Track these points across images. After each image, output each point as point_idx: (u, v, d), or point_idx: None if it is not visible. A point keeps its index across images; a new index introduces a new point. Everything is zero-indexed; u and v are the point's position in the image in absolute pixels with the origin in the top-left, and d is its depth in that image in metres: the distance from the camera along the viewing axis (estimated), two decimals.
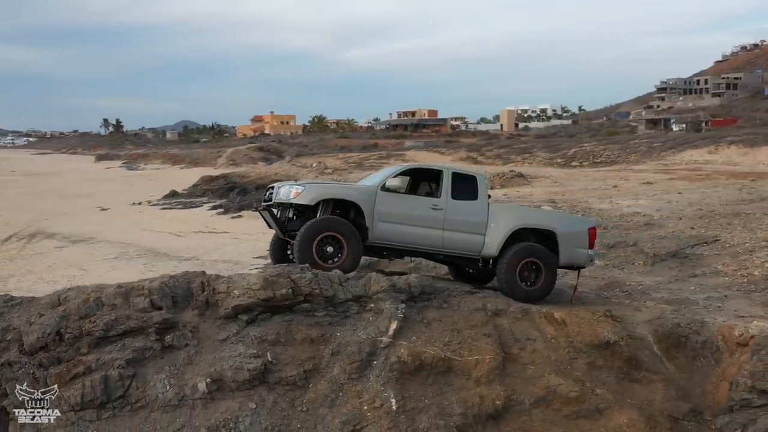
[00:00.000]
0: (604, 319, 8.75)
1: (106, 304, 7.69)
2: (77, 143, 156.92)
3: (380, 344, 7.78)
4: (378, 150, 64.68)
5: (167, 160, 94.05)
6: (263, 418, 7.07)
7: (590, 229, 10.54)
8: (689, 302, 10.67)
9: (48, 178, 68.05)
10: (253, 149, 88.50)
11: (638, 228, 17.81)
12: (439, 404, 7.55)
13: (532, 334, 8.61)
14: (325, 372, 7.58)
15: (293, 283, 7.95)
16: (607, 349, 8.47)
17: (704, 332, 8.77)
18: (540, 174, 37.38)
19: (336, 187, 10.13)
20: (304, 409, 7.26)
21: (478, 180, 10.25)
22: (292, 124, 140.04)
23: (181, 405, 7.14)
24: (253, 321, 7.83)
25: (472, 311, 8.66)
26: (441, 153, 54.64)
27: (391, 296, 8.35)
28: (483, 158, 51.06)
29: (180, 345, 7.57)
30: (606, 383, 8.19)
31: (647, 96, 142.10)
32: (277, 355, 7.55)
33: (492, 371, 7.90)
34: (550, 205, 22.71)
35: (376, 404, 7.30)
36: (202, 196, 47.46)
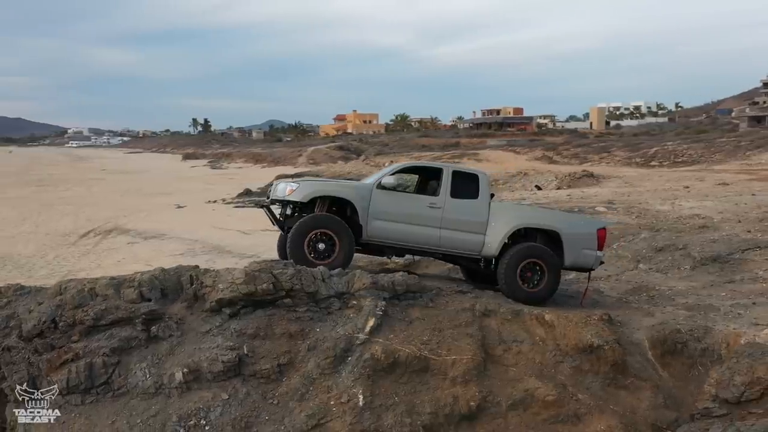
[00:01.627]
0: (594, 322, 8.63)
1: (99, 295, 8.20)
2: (167, 142, 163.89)
3: (356, 341, 7.98)
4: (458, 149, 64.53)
5: (249, 159, 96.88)
6: (234, 409, 7.40)
7: (599, 230, 10.38)
8: (711, 308, 10.33)
9: (134, 176, 71.44)
10: (333, 148, 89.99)
11: (692, 231, 17.18)
12: (410, 402, 7.67)
13: (520, 336, 8.60)
14: (300, 366, 7.83)
15: (274, 279, 8.25)
16: (592, 354, 8.36)
17: (707, 339, 8.52)
18: (613, 174, 36.44)
19: (330, 185, 10.35)
20: (275, 402, 7.54)
21: (480, 179, 10.26)
22: (375, 122, 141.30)
23: (158, 393, 7.56)
24: (236, 314, 8.16)
25: (459, 311, 8.72)
26: (516, 152, 54.02)
27: (372, 294, 8.52)
28: (559, 158, 50.14)
29: (164, 336, 8.01)
30: (590, 388, 8.10)
31: (752, 92, 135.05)
32: (254, 348, 7.86)
33: (469, 372, 7.96)
34: (605, 207, 22.20)
35: (343, 399, 7.50)
36: None
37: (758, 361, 7.37)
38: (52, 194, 50.77)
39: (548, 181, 36.50)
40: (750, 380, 7.23)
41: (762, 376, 7.19)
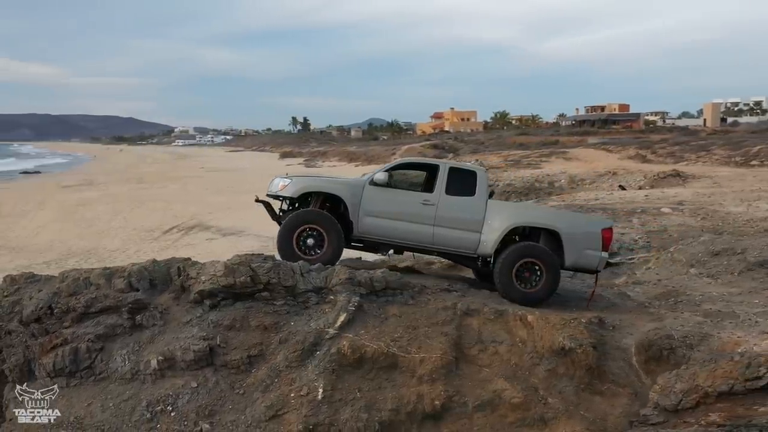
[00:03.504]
0: (574, 325, 8.45)
1: (93, 284, 8.80)
2: (267, 141, 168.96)
3: (326, 336, 8.18)
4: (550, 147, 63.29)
5: (344, 157, 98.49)
6: (201, 397, 7.78)
7: (604, 230, 10.12)
8: (730, 316, 9.84)
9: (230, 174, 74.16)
10: (427, 146, 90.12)
11: (758, 234, 16.27)
12: (372, 399, 7.79)
13: (500, 337, 8.55)
14: (270, 359, 8.11)
15: (252, 272, 8.57)
16: (566, 357, 8.19)
17: (700, 347, 8.16)
18: (706, 174, 34.72)
19: (321, 181, 10.54)
20: (241, 392, 7.87)
21: (478, 176, 10.21)
22: (473, 120, 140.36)
23: (134, 379, 8.05)
24: (216, 306, 8.55)
25: (440, 309, 8.77)
26: (609, 151, 52.35)
27: (348, 289, 8.71)
28: (654, 156, 48.18)
29: (148, 324, 8.50)
30: (563, 392, 7.95)
31: None
32: (227, 339, 8.22)
33: (437, 370, 8.00)
34: (671, 208, 21.30)
35: (303, 392, 7.71)
36: None
37: (703, 368, 7.05)
38: (149, 191, 53.54)
39: (635, 181, 35.25)
40: (689, 388, 6.92)
41: (700, 384, 6.86)
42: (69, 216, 39.38)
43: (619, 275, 15.07)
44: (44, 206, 44.50)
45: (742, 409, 6.25)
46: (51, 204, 45.70)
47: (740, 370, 6.72)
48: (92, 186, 60.25)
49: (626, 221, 18.98)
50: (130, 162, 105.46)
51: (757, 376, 6.52)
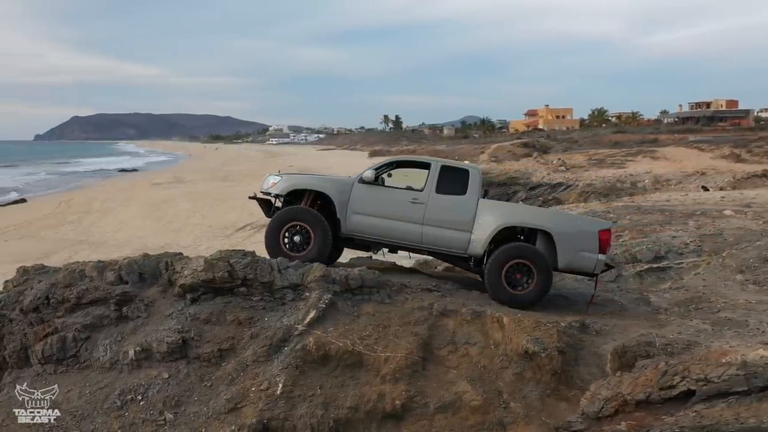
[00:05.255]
0: (545, 328, 8.29)
1: (87, 276, 9.35)
2: (358, 139, 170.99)
3: (295, 332, 8.38)
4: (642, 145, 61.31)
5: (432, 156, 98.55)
6: (171, 388, 8.13)
7: (601, 231, 9.84)
8: (738, 324, 9.40)
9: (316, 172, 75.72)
10: (517, 145, 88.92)
11: None
12: (333, 396, 7.92)
13: (474, 338, 8.50)
14: (240, 353, 8.38)
15: (230, 267, 8.88)
16: (532, 361, 8.05)
17: (682, 355, 7.81)
18: None
19: (309, 178, 10.70)
20: (208, 384, 8.17)
21: (471, 174, 10.13)
22: (568, 118, 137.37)
23: (113, 368, 8.50)
24: (197, 300, 8.90)
25: (416, 309, 8.80)
26: (701, 149, 50.01)
27: (322, 286, 8.87)
28: (748, 155, 45.68)
29: (133, 316, 8.93)
30: (527, 398, 7.82)
31: None
32: (202, 332, 8.54)
33: (401, 370, 8.04)
34: (734, 210, 20.25)
35: (263, 387, 7.92)
36: None
37: (629, 375, 6.77)
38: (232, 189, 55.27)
39: (721, 182, 33.72)
40: (611, 395, 6.66)
41: (622, 392, 6.58)
42: (151, 212, 41.36)
43: (664, 280, 14.59)
44: (131, 203, 46.92)
45: (651, 418, 6.02)
46: (137, 201, 48.12)
47: (656, 378, 6.47)
48: (180, 183, 62.98)
49: (681, 224, 18.23)
50: (222, 160, 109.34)
51: (671, 385, 6.27)
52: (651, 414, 6.08)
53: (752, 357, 7.52)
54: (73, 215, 40.79)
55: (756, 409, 5.28)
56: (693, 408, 5.77)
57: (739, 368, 5.97)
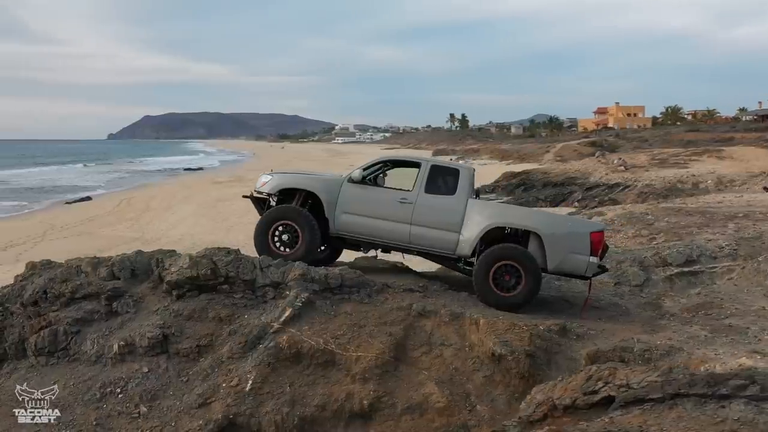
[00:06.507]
0: (519, 330, 8.19)
1: (83, 272, 9.72)
2: (424, 138, 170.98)
3: (270, 329, 8.54)
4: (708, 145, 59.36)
5: (496, 155, 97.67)
6: (149, 382, 8.39)
7: (593, 233, 9.64)
8: (737, 332, 9.14)
9: None
10: (584, 144, 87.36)
11: None
12: (302, 394, 8.03)
13: (450, 340, 8.48)
14: (217, 349, 8.58)
15: (213, 265, 9.11)
16: (500, 364, 7.97)
17: (660, 362, 7.62)
18: None
19: (297, 177, 10.81)
20: (185, 379, 8.39)
21: (461, 174, 10.08)
22: (640, 116, 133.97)
23: (98, 362, 8.80)
24: (182, 296, 9.15)
25: (394, 309, 8.84)
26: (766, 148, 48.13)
27: (300, 285, 9.01)
28: None
29: (122, 311, 9.23)
30: (495, 401, 7.76)
31: None
32: (183, 328, 8.77)
33: (371, 370, 8.09)
34: None
35: (233, 383, 8.10)
36: (492, 192, 49.22)
37: (564, 380, 6.60)
38: None
39: None
40: (544, 399, 6.51)
41: (552, 396, 6.42)
42: (207, 211, 42.34)
43: (695, 285, 14.17)
44: (189, 201, 48.15)
45: (570, 424, 5.88)
46: (195, 199, 49.32)
47: (581, 383, 6.32)
48: (240, 182, 64.20)
49: (721, 226, 17.66)
50: (286, 159, 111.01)
51: (594, 390, 6.10)
52: (575, 419, 5.97)
53: (731, 365, 7.30)
54: (132, 213, 42.11)
55: (663, 417, 5.13)
56: (610, 414, 5.65)
57: (659, 375, 5.80)
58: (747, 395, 5.05)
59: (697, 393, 5.28)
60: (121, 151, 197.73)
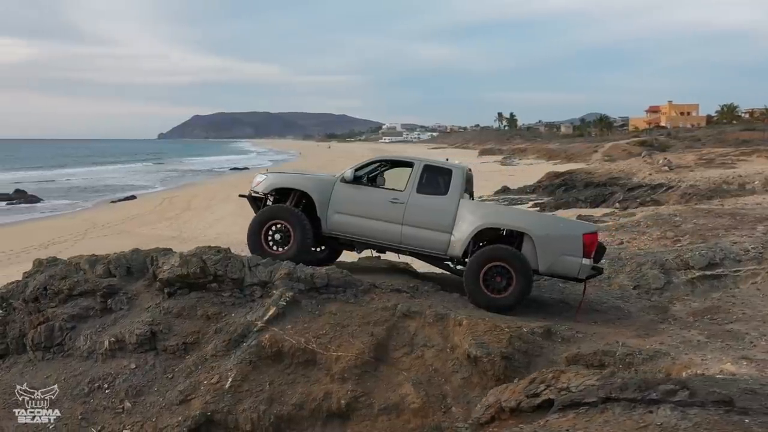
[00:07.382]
0: (500, 332, 8.13)
1: (81, 269, 9.99)
2: (471, 137, 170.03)
3: (254, 328, 8.66)
4: None
5: (543, 155, 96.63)
6: (136, 378, 8.59)
7: (585, 234, 9.50)
8: (732, 337, 8.94)
9: None
10: (633, 144, 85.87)
11: None
12: (281, 392, 8.12)
13: (433, 341, 8.47)
14: (203, 347, 8.73)
15: (203, 263, 9.27)
16: (476, 366, 7.92)
17: (643, 366, 7.50)
18: None
19: (290, 177, 10.90)
20: (170, 376, 8.56)
21: (454, 174, 10.04)
22: (693, 114, 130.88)
23: (89, 357, 9.03)
24: (174, 294, 9.33)
25: (379, 309, 8.88)
26: None
27: (286, 284, 9.11)
28: None
29: (116, 308, 9.47)
30: (471, 403, 7.69)
31: None
32: (171, 325, 8.95)
33: (350, 369, 8.14)
34: None
35: (214, 380, 8.24)
36: (533, 192, 48.67)
37: (514, 385, 6.49)
38: None
39: None
40: (493, 401, 6.42)
41: (500, 398, 6.32)
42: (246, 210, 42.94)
43: (717, 288, 13.84)
44: (229, 201, 48.86)
45: (514, 427, 5.80)
46: (236, 199, 50.03)
47: (525, 386, 6.23)
48: None
49: (749, 229, 17.12)
50: (331, 158, 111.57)
51: (536, 393, 6.00)
52: (518, 422, 5.91)
53: (713, 370, 7.16)
54: (173, 212, 42.94)
55: (593, 421, 5.04)
56: (547, 417, 5.58)
57: (599, 379, 5.70)
58: (675, 401, 4.94)
59: (628, 397, 5.19)
60: (172, 151, 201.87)
